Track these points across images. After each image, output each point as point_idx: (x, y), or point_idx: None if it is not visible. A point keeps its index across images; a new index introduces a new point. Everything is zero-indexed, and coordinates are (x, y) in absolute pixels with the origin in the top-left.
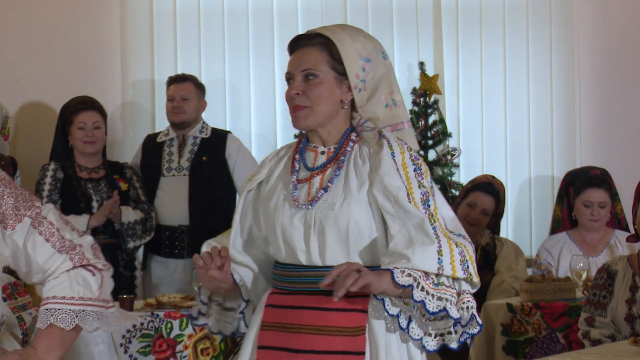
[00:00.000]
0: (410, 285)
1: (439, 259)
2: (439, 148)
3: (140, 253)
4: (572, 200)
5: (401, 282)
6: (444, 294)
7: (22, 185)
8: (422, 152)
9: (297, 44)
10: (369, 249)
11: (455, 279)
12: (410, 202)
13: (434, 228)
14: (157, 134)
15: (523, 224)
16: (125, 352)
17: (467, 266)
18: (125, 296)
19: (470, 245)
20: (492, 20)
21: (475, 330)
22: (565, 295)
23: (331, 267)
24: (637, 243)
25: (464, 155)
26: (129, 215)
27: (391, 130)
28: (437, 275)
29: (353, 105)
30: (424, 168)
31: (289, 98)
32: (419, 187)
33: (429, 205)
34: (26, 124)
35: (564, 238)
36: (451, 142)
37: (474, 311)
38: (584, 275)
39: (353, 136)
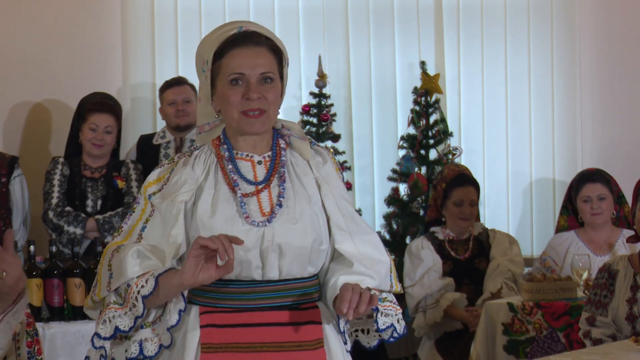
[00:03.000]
0: (376, 308)
1: (390, 276)
2: (440, 147)
3: None
4: (576, 203)
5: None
6: (390, 310)
7: (28, 182)
8: (422, 152)
9: (242, 41)
10: (317, 261)
11: (393, 293)
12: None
13: (382, 244)
14: (151, 135)
15: (524, 224)
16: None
17: (398, 279)
18: None
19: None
20: (493, 19)
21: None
22: (566, 294)
23: (287, 280)
24: (638, 243)
25: (465, 154)
26: (106, 214)
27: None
28: (381, 291)
29: None
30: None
31: (245, 101)
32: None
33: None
34: (29, 122)
35: (571, 236)
36: (452, 142)
37: (402, 321)
38: (585, 275)
39: (282, 143)
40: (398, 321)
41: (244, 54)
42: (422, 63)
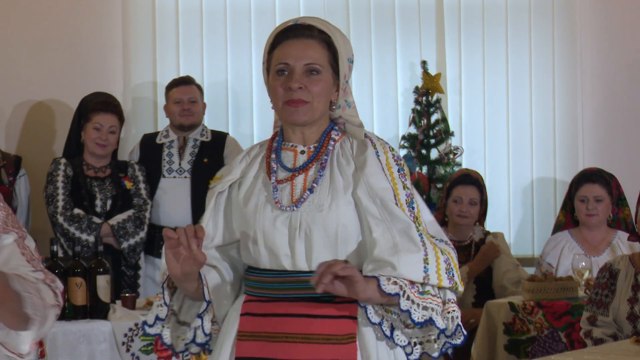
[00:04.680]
0: (397, 294)
1: (424, 267)
2: (441, 147)
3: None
4: (573, 201)
5: (387, 290)
6: (430, 303)
7: (29, 183)
8: (423, 151)
9: (293, 33)
10: (356, 253)
11: (440, 287)
12: (397, 203)
13: (420, 234)
14: (155, 134)
15: (525, 223)
16: (127, 350)
17: (453, 274)
18: (127, 295)
19: (453, 251)
20: (495, 19)
21: (459, 340)
22: (567, 294)
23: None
24: (638, 243)
25: (466, 154)
26: (117, 217)
27: None
28: (423, 283)
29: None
30: (406, 169)
31: (286, 90)
32: (404, 188)
33: (413, 208)
34: (31, 122)
35: (566, 237)
36: (453, 141)
37: (459, 321)
38: (586, 275)
39: (334, 134)
40: (439, 314)
41: (293, 44)
42: (424, 62)
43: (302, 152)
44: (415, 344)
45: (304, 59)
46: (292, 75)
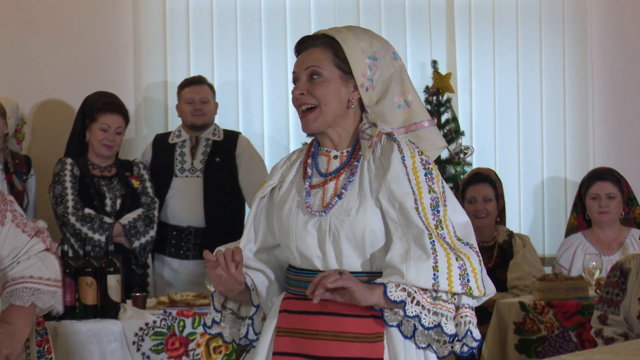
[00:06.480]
0: (402, 301)
1: (434, 274)
2: (452, 146)
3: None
4: (585, 201)
5: (393, 297)
6: (440, 309)
7: (37, 182)
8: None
9: (302, 45)
10: (384, 256)
11: (453, 293)
12: (417, 207)
13: (432, 241)
14: (167, 134)
15: (536, 223)
16: (138, 350)
17: (467, 280)
18: (138, 294)
19: (475, 255)
20: (505, 18)
21: (472, 344)
22: (578, 293)
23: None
24: None
25: (477, 153)
26: (127, 216)
27: (405, 132)
28: (435, 290)
29: (362, 107)
30: (435, 173)
31: (295, 99)
32: (429, 192)
33: (438, 211)
34: (40, 122)
35: (579, 239)
36: (464, 141)
37: (472, 326)
38: (597, 274)
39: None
40: (449, 320)
41: (300, 56)
42: (434, 62)
43: (335, 157)
44: (439, 341)
45: (305, 64)
46: (298, 83)
